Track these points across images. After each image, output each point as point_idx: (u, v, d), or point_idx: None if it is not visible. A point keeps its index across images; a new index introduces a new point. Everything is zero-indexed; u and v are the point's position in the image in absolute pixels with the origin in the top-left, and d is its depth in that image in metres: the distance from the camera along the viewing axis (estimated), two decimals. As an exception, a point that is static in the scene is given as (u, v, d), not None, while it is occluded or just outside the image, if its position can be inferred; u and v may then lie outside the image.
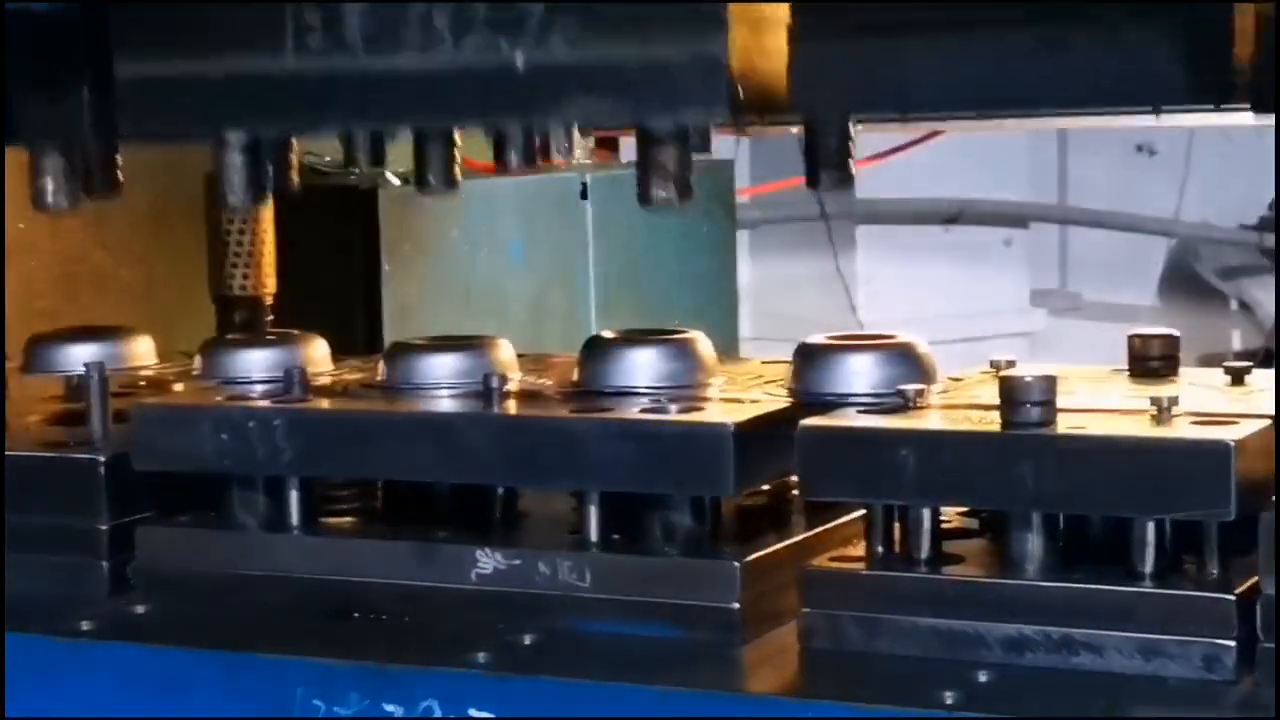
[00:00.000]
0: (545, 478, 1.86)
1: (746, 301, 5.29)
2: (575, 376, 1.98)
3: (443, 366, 2.00)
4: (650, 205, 1.76)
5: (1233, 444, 1.60)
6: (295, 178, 1.96)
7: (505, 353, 2.04)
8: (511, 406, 1.89)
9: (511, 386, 1.94)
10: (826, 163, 1.81)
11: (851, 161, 1.83)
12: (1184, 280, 7.28)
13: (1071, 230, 7.44)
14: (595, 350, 1.99)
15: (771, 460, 1.81)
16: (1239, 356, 6.28)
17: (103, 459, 1.96)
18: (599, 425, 1.81)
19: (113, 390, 2.10)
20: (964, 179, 6.82)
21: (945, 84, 1.66)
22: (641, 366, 1.95)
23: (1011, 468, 1.65)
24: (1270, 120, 1.58)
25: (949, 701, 1.57)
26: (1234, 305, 7.11)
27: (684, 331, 2.00)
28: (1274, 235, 6.94)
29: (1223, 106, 1.63)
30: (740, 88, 1.67)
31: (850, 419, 1.76)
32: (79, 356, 2.18)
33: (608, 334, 2.01)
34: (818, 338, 1.98)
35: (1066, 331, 7.16)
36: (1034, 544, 1.70)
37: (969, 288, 6.98)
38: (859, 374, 1.91)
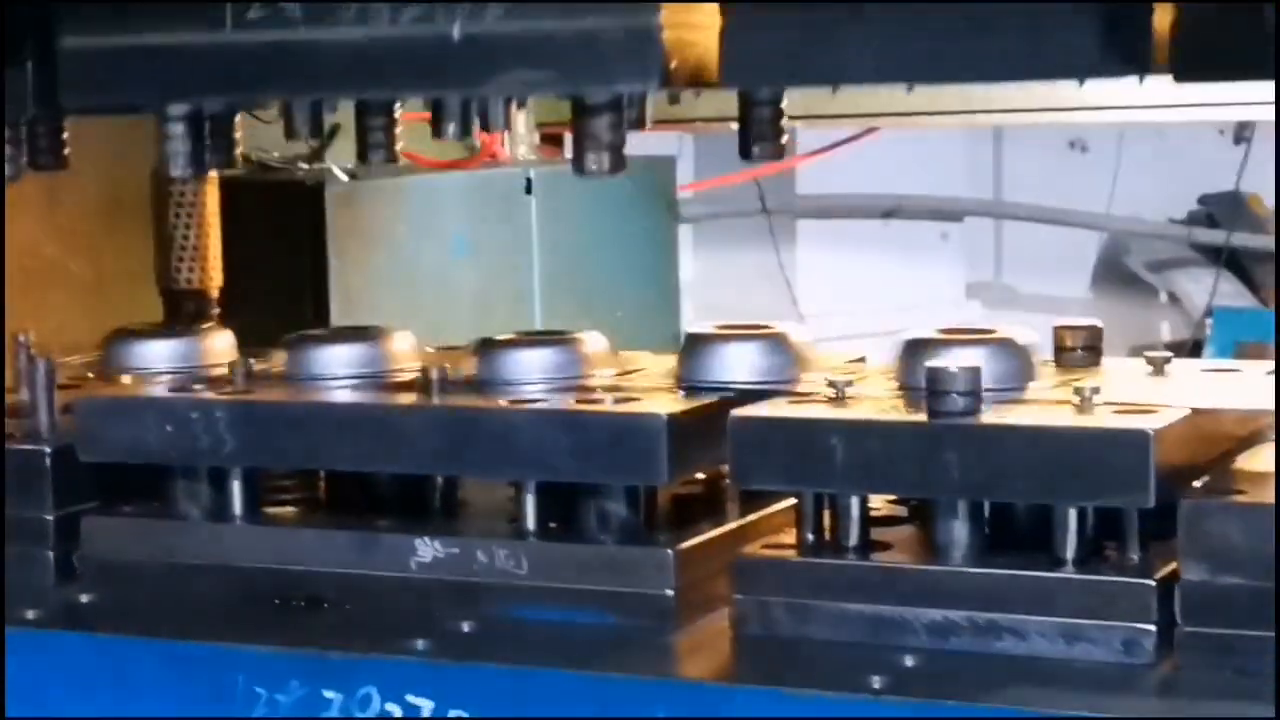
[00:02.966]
0: (482, 468, 1.89)
1: (689, 295, 5.33)
2: (470, 370, 2.00)
3: (340, 356, 2.03)
4: (584, 175, 1.80)
5: (1152, 433, 1.64)
6: (238, 156, 2.00)
7: (406, 343, 2.08)
8: (448, 398, 1.91)
9: (407, 377, 1.98)
10: (759, 135, 1.86)
11: (784, 132, 1.87)
12: (1115, 273, 7.34)
13: (1006, 225, 7.49)
14: (489, 347, 2.02)
15: (705, 450, 1.84)
16: (1168, 347, 6.33)
17: (48, 450, 1.98)
18: (537, 416, 1.84)
19: (62, 382, 2.12)
20: (902, 175, 6.88)
21: (874, 56, 1.68)
22: (536, 361, 1.98)
23: (936, 456, 1.68)
24: (1195, 115, 1.61)
25: (876, 686, 1.60)
26: (1163, 297, 7.18)
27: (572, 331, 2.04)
28: (1208, 230, 7.01)
29: (1145, 78, 1.65)
30: (672, 58, 1.70)
31: (781, 408, 1.80)
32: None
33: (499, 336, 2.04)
34: (702, 328, 2.01)
35: (1001, 323, 7.19)
36: (960, 531, 1.73)
37: (906, 280, 7.04)
38: (736, 364, 1.95)
